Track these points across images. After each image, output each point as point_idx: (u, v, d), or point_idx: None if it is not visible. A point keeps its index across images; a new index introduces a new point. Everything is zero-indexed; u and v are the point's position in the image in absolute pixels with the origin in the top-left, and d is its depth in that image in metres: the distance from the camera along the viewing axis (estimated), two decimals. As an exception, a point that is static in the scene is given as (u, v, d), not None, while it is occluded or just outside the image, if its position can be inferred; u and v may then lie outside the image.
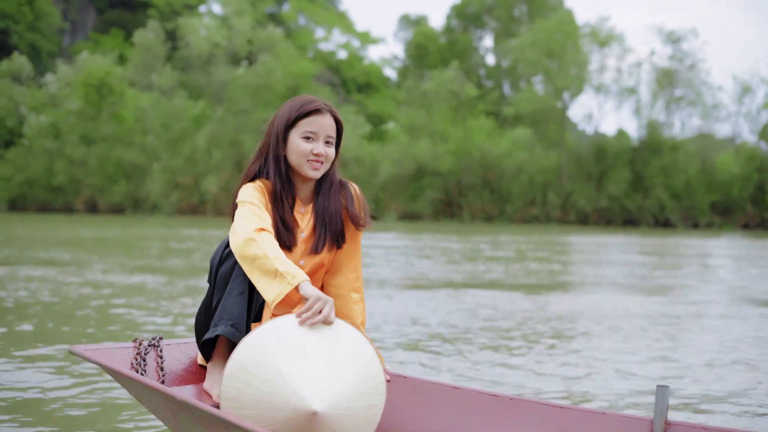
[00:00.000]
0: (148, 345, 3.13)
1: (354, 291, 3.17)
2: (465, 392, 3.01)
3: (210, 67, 47.57)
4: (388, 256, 17.06)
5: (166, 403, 2.70)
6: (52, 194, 46.13)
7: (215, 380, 2.97)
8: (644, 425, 2.64)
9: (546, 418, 2.81)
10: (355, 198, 3.19)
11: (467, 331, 7.15)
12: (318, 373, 2.54)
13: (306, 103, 3.05)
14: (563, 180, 41.67)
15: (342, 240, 3.13)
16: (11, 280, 10.51)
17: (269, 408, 2.51)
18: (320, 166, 3.04)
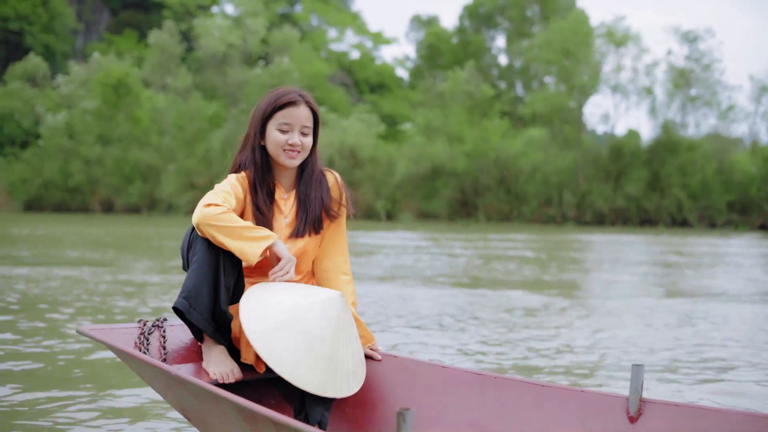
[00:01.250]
0: (152, 326, 3.25)
1: (343, 273, 3.29)
2: (452, 371, 3.12)
3: (225, 68, 47.62)
4: (446, 257, 17.06)
5: (163, 378, 2.83)
6: (69, 195, 46.25)
7: (209, 359, 3.09)
8: (620, 402, 2.73)
9: (527, 395, 2.91)
10: (333, 187, 3.31)
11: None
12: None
13: (282, 95, 3.17)
14: (580, 180, 41.62)
15: (320, 226, 3.25)
16: (47, 279, 10.56)
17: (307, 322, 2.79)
18: (296, 155, 3.17)
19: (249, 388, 3.22)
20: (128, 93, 46.12)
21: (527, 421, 2.87)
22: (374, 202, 43.14)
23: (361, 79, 62.95)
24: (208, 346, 3.10)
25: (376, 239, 23.61)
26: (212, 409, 2.62)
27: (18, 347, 5.69)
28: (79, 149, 45.97)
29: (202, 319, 2.98)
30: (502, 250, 19.53)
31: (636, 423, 2.67)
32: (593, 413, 2.76)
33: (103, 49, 54.19)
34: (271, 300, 2.87)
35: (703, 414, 2.58)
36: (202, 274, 2.96)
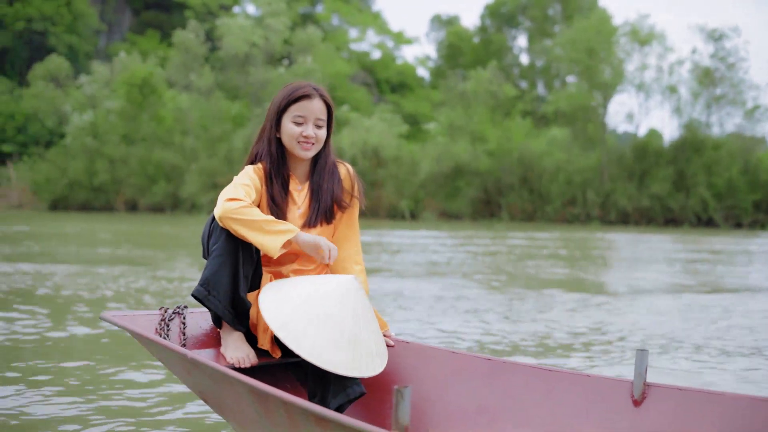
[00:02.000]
0: (173, 313, 3.37)
1: (355, 263, 3.39)
2: (462, 356, 3.21)
3: (248, 68, 47.69)
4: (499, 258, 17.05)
5: (181, 362, 2.95)
6: (93, 194, 46.44)
7: (227, 344, 3.19)
8: (625, 386, 2.81)
9: (535, 379, 3.00)
10: (345, 179, 3.41)
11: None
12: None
13: (297, 89, 3.27)
14: (604, 179, 41.45)
15: (331, 216, 3.35)
16: (83, 275, 10.61)
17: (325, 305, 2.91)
18: (311, 147, 3.28)
19: (265, 373, 3.32)
20: (152, 93, 46.26)
21: (535, 404, 2.97)
22: (397, 201, 43.11)
23: (382, 78, 62.95)
24: (226, 332, 3.21)
25: (404, 238, 23.62)
26: (227, 391, 2.74)
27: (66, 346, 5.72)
28: (103, 149, 46.17)
29: (220, 306, 3.08)
30: (536, 248, 19.50)
31: (640, 406, 2.75)
32: (598, 397, 2.85)
33: (126, 49, 54.44)
34: (290, 289, 3.01)
35: (706, 398, 2.64)
36: (222, 262, 3.07)
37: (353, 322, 2.92)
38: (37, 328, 6.31)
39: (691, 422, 2.64)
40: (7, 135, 51.10)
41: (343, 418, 2.06)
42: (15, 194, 48.21)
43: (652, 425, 2.71)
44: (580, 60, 43.18)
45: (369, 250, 17.20)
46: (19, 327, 6.36)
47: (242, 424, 2.84)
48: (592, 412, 2.84)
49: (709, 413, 2.61)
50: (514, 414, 2.99)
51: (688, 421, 2.64)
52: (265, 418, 2.57)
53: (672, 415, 2.69)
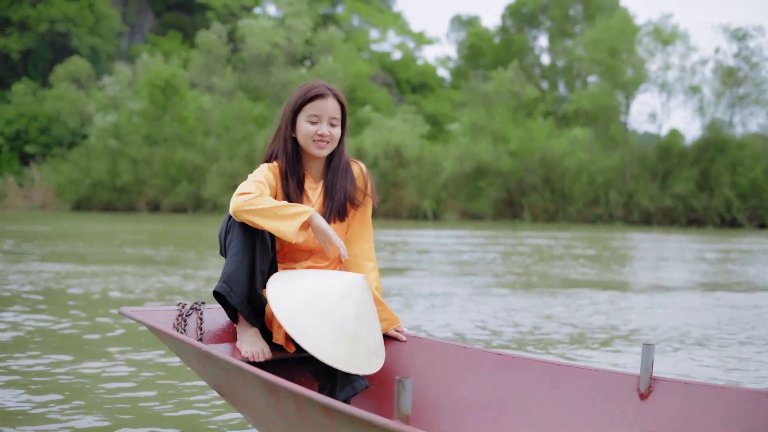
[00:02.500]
0: (190, 308, 3.45)
1: (368, 260, 3.47)
2: (473, 351, 3.28)
3: (269, 68, 47.77)
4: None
5: (196, 355, 3.04)
6: (116, 195, 46.62)
7: (242, 339, 3.26)
8: (632, 380, 2.85)
9: (543, 373, 3.06)
10: (358, 177, 3.48)
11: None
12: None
13: (311, 88, 3.34)
14: (626, 179, 41.28)
15: (344, 213, 3.42)
16: (113, 273, 10.65)
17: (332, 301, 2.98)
18: (326, 145, 3.35)
19: (279, 367, 3.39)
20: (175, 94, 46.39)
21: (543, 398, 3.02)
22: (419, 201, 43.09)
23: (402, 79, 62.92)
24: (242, 328, 3.28)
25: (429, 237, 23.62)
26: (240, 383, 2.82)
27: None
28: (126, 150, 46.34)
29: (240, 302, 3.16)
30: (562, 248, 19.45)
31: (646, 400, 2.79)
32: (605, 391, 2.89)
33: (149, 51, 54.62)
34: (298, 282, 3.08)
35: (711, 391, 2.68)
36: (239, 260, 3.15)
37: (356, 320, 3.00)
38: (74, 329, 6.35)
39: (697, 415, 2.68)
40: (31, 136, 51.39)
41: (347, 407, 2.13)
42: (38, 194, 48.48)
43: (658, 418, 2.75)
44: (602, 60, 43.03)
45: (397, 250, 17.22)
46: (52, 326, 6.41)
47: (255, 415, 2.93)
48: (598, 406, 2.89)
49: (714, 407, 2.65)
50: (522, 407, 3.05)
51: (694, 414, 2.68)
52: (275, 409, 2.65)
53: (678, 408, 2.73)
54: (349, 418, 2.11)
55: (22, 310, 7.20)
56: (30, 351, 5.35)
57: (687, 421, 2.68)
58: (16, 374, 4.66)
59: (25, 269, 11.10)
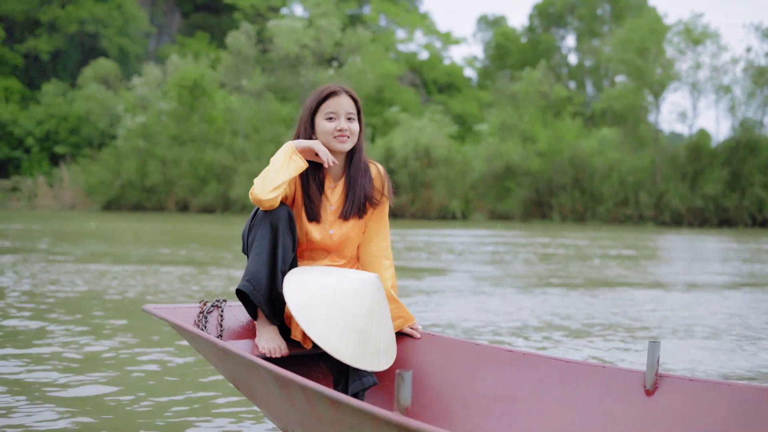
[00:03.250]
0: (211, 306, 3.55)
1: (385, 258, 3.56)
2: (485, 348, 3.37)
3: (298, 69, 47.85)
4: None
5: (214, 351, 3.15)
6: (145, 195, 46.83)
7: (261, 335, 3.37)
8: (638, 377, 2.94)
9: (552, 370, 3.15)
10: (376, 178, 3.56)
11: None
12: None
13: (324, 89, 3.46)
14: (656, 179, 41.05)
15: (363, 211, 3.50)
16: (153, 274, 10.67)
17: (344, 292, 3.09)
18: (347, 139, 3.43)
19: (297, 363, 3.49)
20: (203, 94, 46.55)
21: (552, 394, 3.11)
22: (448, 202, 43.06)
23: (429, 79, 62.90)
24: (261, 325, 3.39)
25: (462, 237, 23.58)
26: (254, 377, 2.95)
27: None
28: (154, 150, 46.53)
29: (262, 301, 3.28)
30: (601, 248, 19.37)
31: (652, 396, 2.88)
32: (612, 387, 2.97)
33: (179, 52, 54.89)
34: (313, 277, 3.19)
35: (715, 388, 2.75)
36: (262, 259, 3.27)
37: (367, 318, 3.08)
38: (117, 337, 6.37)
39: (701, 411, 2.75)
40: (60, 137, 51.75)
41: (352, 400, 2.25)
42: (68, 195, 48.79)
43: (664, 414, 2.83)
44: (631, 60, 42.82)
45: (436, 250, 17.19)
46: (94, 330, 6.44)
47: (269, 407, 3.07)
48: (606, 401, 2.97)
49: (718, 402, 2.72)
50: (532, 402, 3.13)
51: (699, 409, 2.76)
52: (287, 402, 2.78)
53: (683, 404, 2.81)
54: (353, 410, 2.26)
55: (69, 312, 7.24)
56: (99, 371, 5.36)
57: (692, 416, 2.77)
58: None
59: (73, 269, 11.16)
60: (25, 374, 4.67)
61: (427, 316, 7.37)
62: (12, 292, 8.57)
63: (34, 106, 52.96)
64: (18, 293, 8.46)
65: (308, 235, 3.45)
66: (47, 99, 52.41)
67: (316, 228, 3.45)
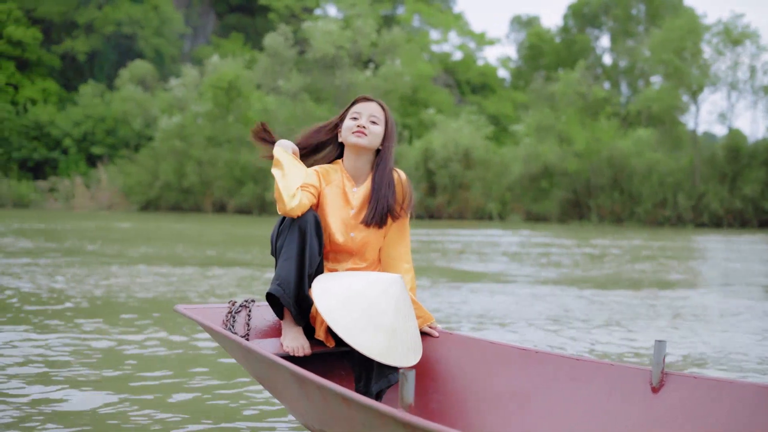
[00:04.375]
0: (239, 306, 3.72)
1: (405, 262, 3.71)
2: (499, 346, 3.52)
3: (335, 70, 47.87)
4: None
5: (239, 350, 3.35)
6: (182, 196, 47.00)
7: (286, 335, 3.53)
8: (644, 374, 3.06)
9: (563, 367, 3.28)
10: (398, 189, 3.68)
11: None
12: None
13: (358, 96, 3.71)
14: (695, 181, 40.74)
15: (384, 222, 3.63)
16: (210, 277, 10.68)
17: (369, 296, 3.24)
18: (363, 136, 3.60)
19: (320, 362, 3.65)
20: (239, 95, 46.65)
21: (562, 390, 3.25)
22: (484, 203, 42.99)
23: (462, 80, 62.77)
24: (287, 325, 3.54)
25: (506, 237, 23.51)
26: (275, 375, 3.14)
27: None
28: (191, 151, 46.67)
29: (292, 303, 3.43)
30: (657, 250, 19.25)
31: (657, 393, 3.00)
32: (620, 384, 3.11)
33: (218, 53, 55.08)
34: (341, 281, 3.33)
35: (719, 386, 2.86)
36: (291, 264, 3.43)
37: (394, 316, 3.23)
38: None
39: (705, 408, 2.86)
40: (97, 137, 52.08)
41: (361, 398, 2.43)
42: (105, 195, 49.05)
43: (669, 410, 2.95)
44: (669, 60, 42.51)
45: (487, 251, 17.13)
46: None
47: (289, 403, 3.26)
48: (614, 398, 3.10)
49: (722, 400, 2.83)
50: (543, 399, 3.27)
51: (703, 406, 2.87)
52: (306, 399, 2.96)
53: (687, 401, 2.92)
54: (362, 406, 2.44)
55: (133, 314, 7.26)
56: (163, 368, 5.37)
57: (696, 413, 2.88)
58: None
59: (125, 272, 11.22)
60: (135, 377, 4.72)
61: (535, 337, 7.31)
62: (80, 297, 8.60)
63: (71, 107, 53.33)
64: (84, 297, 8.49)
65: (331, 238, 3.61)
66: (84, 100, 52.75)
67: (339, 231, 3.61)
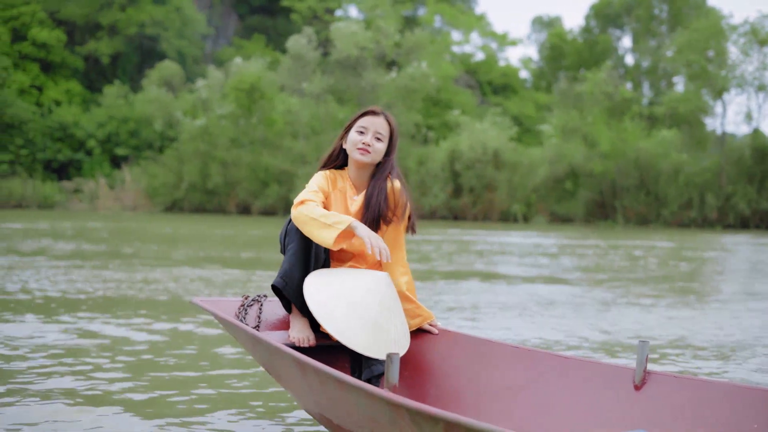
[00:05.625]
0: (252, 300, 4.00)
1: (400, 266, 3.89)
2: (494, 344, 3.73)
3: (359, 71, 47.81)
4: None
5: (246, 338, 3.60)
6: (206, 197, 47.05)
7: (293, 327, 3.78)
8: (628, 373, 3.24)
9: (552, 365, 3.48)
10: (390, 195, 3.81)
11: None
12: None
13: (367, 109, 3.84)
14: (722, 181, 40.55)
15: (377, 227, 3.78)
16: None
17: (358, 291, 3.51)
18: (366, 154, 3.76)
19: (323, 352, 3.89)
20: (261, 97, 46.63)
21: (550, 386, 3.43)
22: (509, 204, 42.92)
23: (484, 81, 62.63)
24: (294, 317, 3.80)
25: (533, 239, 23.42)
26: (279, 361, 3.38)
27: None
28: (214, 153, 46.69)
29: (294, 295, 3.67)
30: (688, 251, 19.15)
31: (640, 391, 3.18)
32: (605, 382, 3.29)
33: (233, 54, 55.08)
34: (331, 278, 3.58)
35: (698, 385, 3.04)
36: (296, 259, 3.68)
37: (378, 312, 3.48)
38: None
39: (685, 405, 3.04)
40: (121, 139, 52.18)
41: (353, 380, 2.72)
42: (129, 196, 49.13)
43: (651, 407, 3.13)
44: (696, 61, 42.33)
45: (529, 253, 17.05)
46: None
47: (292, 387, 3.52)
48: (599, 394, 3.28)
49: (700, 398, 3.00)
50: (532, 394, 3.46)
51: (682, 404, 3.05)
52: (305, 383, 3.23)
53: (668, 398, 3.10)
54: (352, 387, 2.73)
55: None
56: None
57: (676, 411, 3.06)
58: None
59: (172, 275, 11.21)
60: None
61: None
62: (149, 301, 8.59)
63: (94, 108, 53.46)
64: (151, 295, 8.49)
65: None
66: (108, 101, 52.87)
67: None
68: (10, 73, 51.80)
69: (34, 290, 9.10)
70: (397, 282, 3.82)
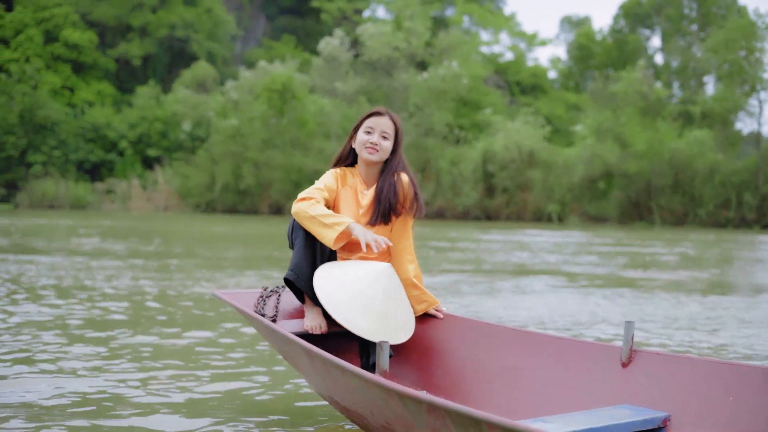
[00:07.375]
0: (270, 291, 4.25)
1: (408, 254, 4.10)
2: (495, 327, 3.97)
3: (391, 71, 47.79)
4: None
5: (262, 328, 3.85)
6: (239, 198, 47.13)
7: (307, 315, 4.03)
8: (615, 351, 3.52)
9: (547, 345, 3.75)
10: (399, 189, 4.01)
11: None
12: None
13: (372, 110, 4.05)
14: (759, 181, 40.25)
15: (388, 219, 4.01)
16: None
17: (361, 284, 3.78)
18: (375, 152, 3.99)
19: (335, 340, 4.14)
20: (293, 98, 46.65)
21: (545, 363, 3.71)
22: (544, 204, 42.77)
23: (513, 81, 62.44)
24: (307, 307, 4.04)
25: (573, 238, 23.30)
26: (291, 349, 3.64)
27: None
28: (247, 154, 46.74)
29: (306, 286, 3.91)
30: (735, 251, 19.02)
31: (627, 368, 3.45)
32: (594, 359, 3.56)
33: (263, 55, 55.17)
34: (338, 270, 3.83)
35: (679, 361, 3.33)
36: (304, 252, 3.94)
37: (383, 300, 3.77)
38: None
39: (667, 380, 3.31)
40: (153, 140, 52.38)
41: (351, 366, 3.09)
42: (161, 197, 49.28)
43: (637, 382, 3.40)
44: (734, 61, 42.06)
45: (580, 251, 16.96)
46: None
47: (302, 371, 3.79)
48: (589, 371, 3.55)
49: (682, 373, 3.28)
50: (529, 371, 3.74)
51: (665, 379, 3.32)
52: (313, 369, 3.53)
53: (653, 374, 3.36)
54: (351, 373, 3.07)
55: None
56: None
57: (660, 385, 3.32)
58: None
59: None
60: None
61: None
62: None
63: (126, 109, 53.71)
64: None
65: None
66: (140, 102, 53.10)
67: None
68: (42, 74, 52.14)
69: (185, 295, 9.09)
70: (405, 269, 4.06)
